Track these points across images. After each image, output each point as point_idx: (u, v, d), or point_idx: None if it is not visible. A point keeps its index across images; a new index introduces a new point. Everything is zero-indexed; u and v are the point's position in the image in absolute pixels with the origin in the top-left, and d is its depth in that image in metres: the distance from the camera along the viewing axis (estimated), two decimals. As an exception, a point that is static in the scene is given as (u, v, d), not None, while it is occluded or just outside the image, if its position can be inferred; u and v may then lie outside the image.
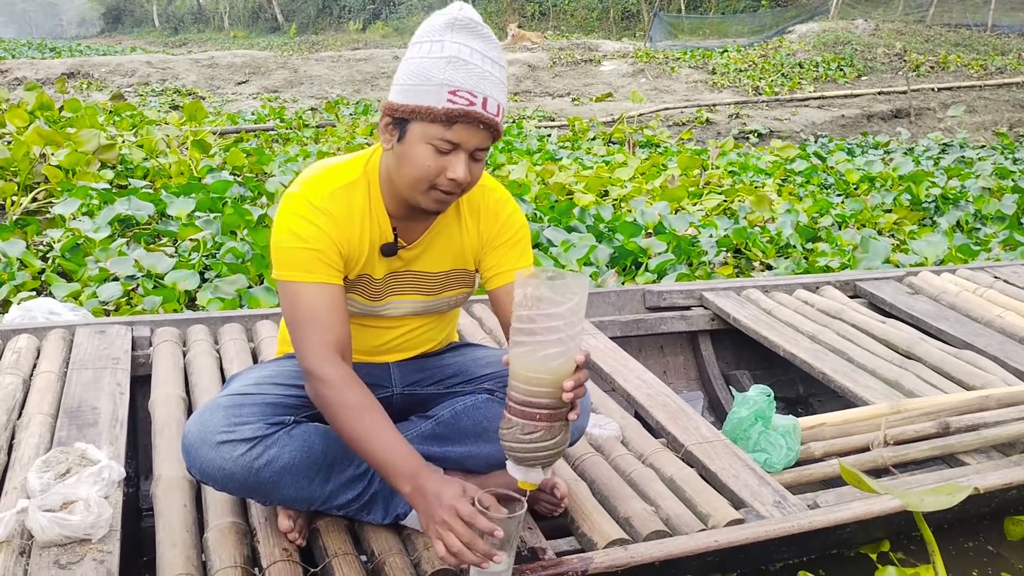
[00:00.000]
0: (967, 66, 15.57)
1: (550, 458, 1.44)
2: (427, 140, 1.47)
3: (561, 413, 1.41)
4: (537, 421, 1.40)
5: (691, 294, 3.18)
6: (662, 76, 15.42)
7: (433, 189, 1.51)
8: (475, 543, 1.34)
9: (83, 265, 3.62)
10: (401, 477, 1.42)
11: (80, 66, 14.34)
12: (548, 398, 1.39)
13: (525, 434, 1.41)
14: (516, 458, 1.44)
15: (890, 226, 5.45)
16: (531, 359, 1.38)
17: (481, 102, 1.46)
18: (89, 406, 2.05)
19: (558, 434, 1.42)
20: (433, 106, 1.45)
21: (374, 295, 1.67)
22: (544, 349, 1.37)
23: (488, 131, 1.50)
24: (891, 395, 2.42)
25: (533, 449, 1.41)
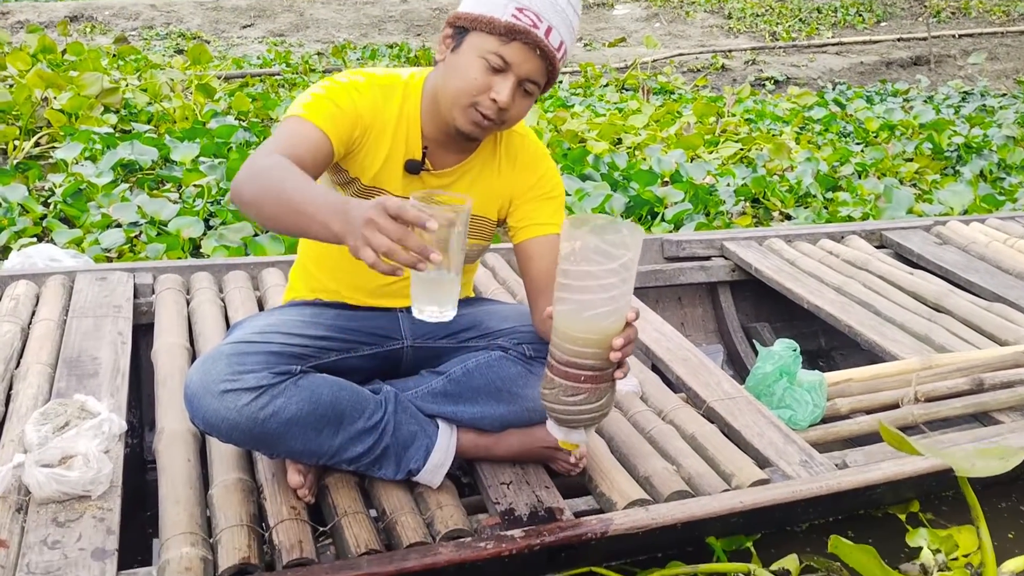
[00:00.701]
0: (989, 12, 15.17)
1: (594, 420, 1.36)
2: (481, 53, 1.44)
3: (607, 374, 1.32)
4: (582, 383, 1.31)
5: (711, 244, 3.08)
6: (676, 21, 15.07)
7: (472, 108, 1.46)
8: (406, 238, 1.15)
9: (85, 211, 3.52)
10: (328, 212, 1.22)
11: (83, 9, 14.09)
12: (595, 359, 1.29)
13: (568, 396, 1.32)
14: (558, 419, 1.36)
15: (911, 175, 5.31)
16: (578, 318, 1.27)
17: (545, 29, 1.43)
18: (89, 356, 1.98)
19: (604, 395, 1.34)
20: (496, 17, 1.42)
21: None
22: (593, 308, 1.26)
23: (544, 61, 1.45)
24: (920, 350, 2.33)
25: (577, 412, 1.33)
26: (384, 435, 1.59)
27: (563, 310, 1.28)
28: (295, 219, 1.26)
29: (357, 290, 1.71)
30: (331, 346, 1.60)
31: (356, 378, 1.64)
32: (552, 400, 1.34)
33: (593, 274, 1.23)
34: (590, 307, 1.25)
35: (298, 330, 1.59)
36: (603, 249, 1.22)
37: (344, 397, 1.53)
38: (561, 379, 1.32)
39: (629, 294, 1.27)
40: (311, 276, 1.75)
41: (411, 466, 1.61)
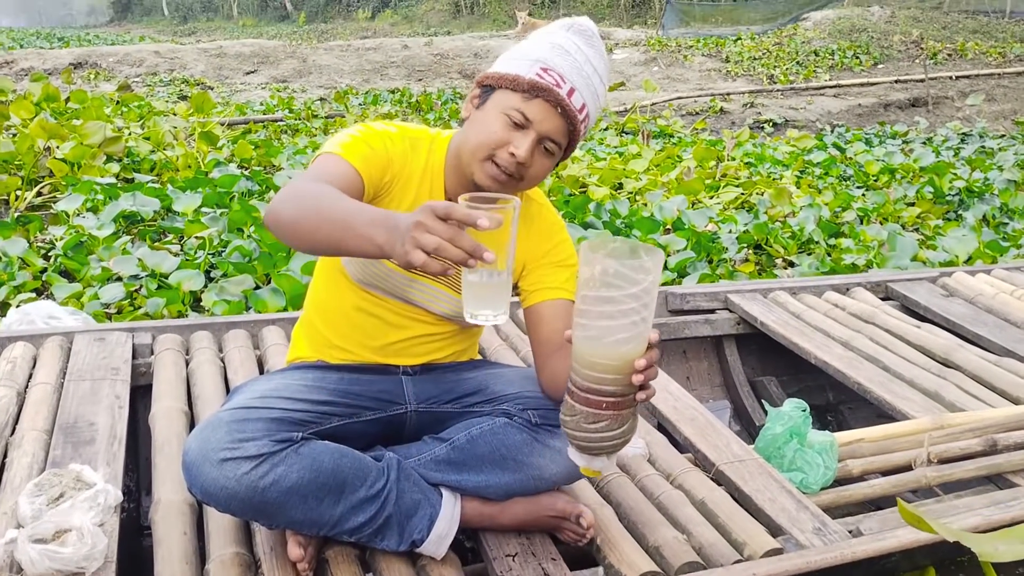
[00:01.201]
0: (985, 54, 15.33)
1: (617, 447, 1.32)
2: (504, 109, 1.47)
3: (629, 399, 1.28)
4: (603, 410, 1.27)
5: (715, 296, 3.05)
6: (675, 64, 15.22)
7: (491, 161, 1.48)
8: (458, 238, 1.12)
9: (86, 264, 3.51)
10: (371, 224, 1.20)
11: (88, 56, 14.25)
12: (616, 385, 1.26)
13: (590, 423, 1.28)
14: (580, 447, 1.32)
15: (913, 220, 5.30)
16: (598, 344, 1.24)
17: (568, 90, 1.47)
18: (86, 421, 1.94)
19: (626, 422, 1.30)
20: (521, 75, 1.47)
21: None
22: (614, 334, 1.22)
23: (565, 121, 1.48)
24: (931, 407, 2.30)
25: (599, 440, 1.29)
26: (387, 504, 1.54)
27: (582, 336, 1.25)
28: (337, 233, 1.24)
29: (364, 347, 1.68)
30: (333, 411, 1.57)
31: (358, 444, 1.61)
32: (573, 427, 1.31)
33: (613, 299, 1.20)
34: (610, 333, 1.23)
35: (300, 395, 1.55)
36: (623, 273, 1.19)
37: (346, 465, 1.50)
38: (582, 406, 1.28)
39: (650, 318, 1.24)
40: (317, 333, 1.72)
41: (414, 536, 1.57)
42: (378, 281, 1.61)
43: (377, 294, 1.63)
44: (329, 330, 1.70)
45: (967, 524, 1.76)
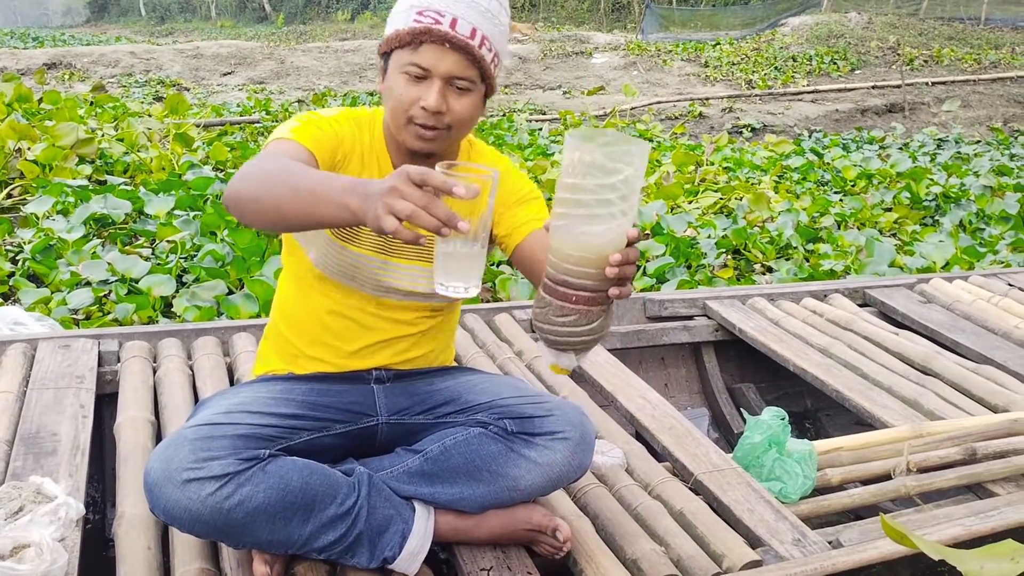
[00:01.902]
0: (961, 60, 15.47)
1: (584, 345, 1.26)
2: (400, 68, 1.43)
3: (600, 297, 1.22)
4: (573, 303, 1.22)
5: (694, 303, 3.03)
6: (654, 69, 15.26)
7: (411, 123, 1.44)
8: (432, 205, 1.09)
9: (54, 268, 3.44)
10: (343, 192, 1.17)
11: (62, 56, 14.07)
12: (588, 279, 1.20)
13: (558, 316, 1.23)
14: (548, 341, 1.27)
15: (890, 225, 5.32)
16: (573, 234, 1.19)
17: (450, 22, 1.40)
18: (48, 432, 1.88)
19: (595, 319, 1.24)
20: (400, 28, 1.42)
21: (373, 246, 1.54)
22: (590, 224, 1.17)
23: (461, 55, 1.41)
24: (910, 415, 2.28)
25: (566, 333, 1.24)
26: (357, 521, 1.50)
27: (558, 225, 1.20)
28: (308, 204, 1.20)
29: (336, 353, 1.64)
30: (303, 425, 1.52)
31: (328, 458, 1.57)
32: (542, 319, 1.25)
33: (590, 188, 1.15)
34: (585, 223, 1.17)
35: (268, 408, 1.51)
36: (602, 163, 1.14)
37: (315, 482, 1.45)
38: (553, 298, 1.23)
39: (630, 213, 1.18)
40: (286, 343, 1.67)
41: (386, 553, 1.53)
42: (350, 270, 1.56)
43: (350, 287, 1.58)
44: (299, 339, 1.65)
45: (948, 535, 1.74)
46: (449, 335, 1.79)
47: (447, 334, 1.78)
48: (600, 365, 2.48)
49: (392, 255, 1.57)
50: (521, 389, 1.68)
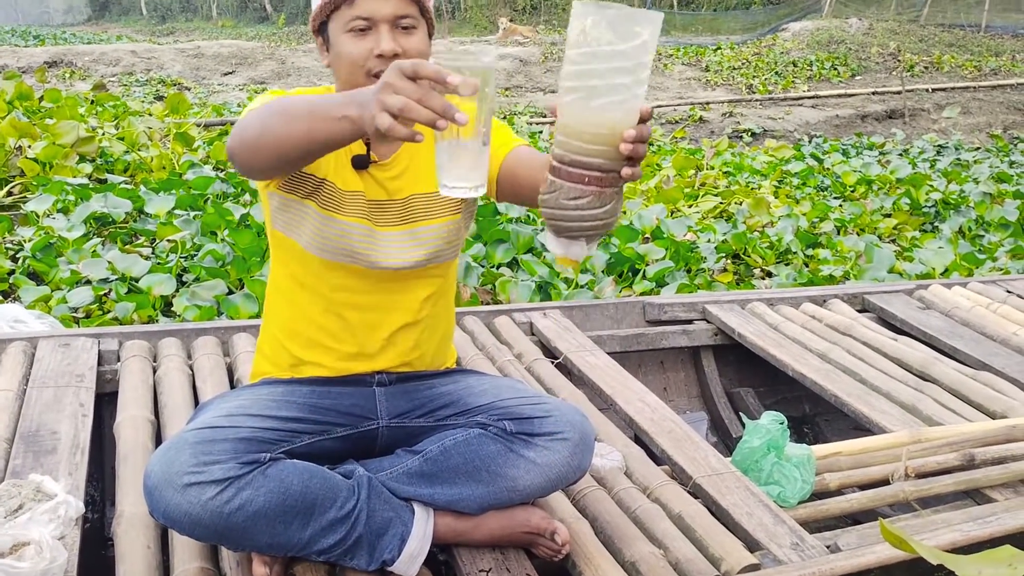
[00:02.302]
0: (961, 67, 15.49)
1: (596, 230, 1.20)
2: (344, 29, 1.43)
3: (613, 177, 1.16)
4: (586, 184, 1.16)
5: (693, 307, 3.03)
6: (655, 72, 15.25)
7: (370, 77, 1.42)
8: (427, 97, 1.06)
9: (54, 266, 3.44)
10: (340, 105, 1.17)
11: (64, 55, 14.07)
12: (601, 157, 1.14)
13: (569, 199, 1.17)
14: (556, 227, 1.20)
15: (890, 231, 5.32)
16: (584, 109, 1.13)
17: None
18: (48, 430, 1.89)
19: (609, 202, 1.18)
20: None
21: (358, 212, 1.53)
22: (601, 96, 1.11)
23: None
24: (908, 421, 2.29)
25: (577, 217, 1.18)
26: (357, 524, 1.50)
27: (568, 101, 1.14)
28: (308, 128, 1.20)
29: (337, 356, 1.63)
30: (303, 429, 1.52)
31: (329, 460, 1.57)
32: (552, 205, 1.19)
33: (605, 55, 1.10)
34: (598, 94, 1.12)
35: (268, 411, 1.51)
36: (615, 27, 1.09)
37: (315, 485, 1.45)
38: (563, 180, 1.17)
39: (643, 85, 1.13)
40: (284, 352, 1.66)
41: (385, 556, 1.53)
42: (340, 242, 1.53)
43: (342, 266, 1.55)
44: (298, 347, 1.63)
45: (946, 540, 1.75)
46: (447, 330, 1.77)
47: (445, 326, 1.75)
48: (599, 368, 2.48)
49: (377, 224, 1.55)
50: (521, 391, 1.68)
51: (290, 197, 1.53)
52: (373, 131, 1.09)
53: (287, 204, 1.54)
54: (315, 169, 1.50)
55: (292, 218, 1.55)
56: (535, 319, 2.82)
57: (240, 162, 1.32)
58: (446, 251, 1.62)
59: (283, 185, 1.52)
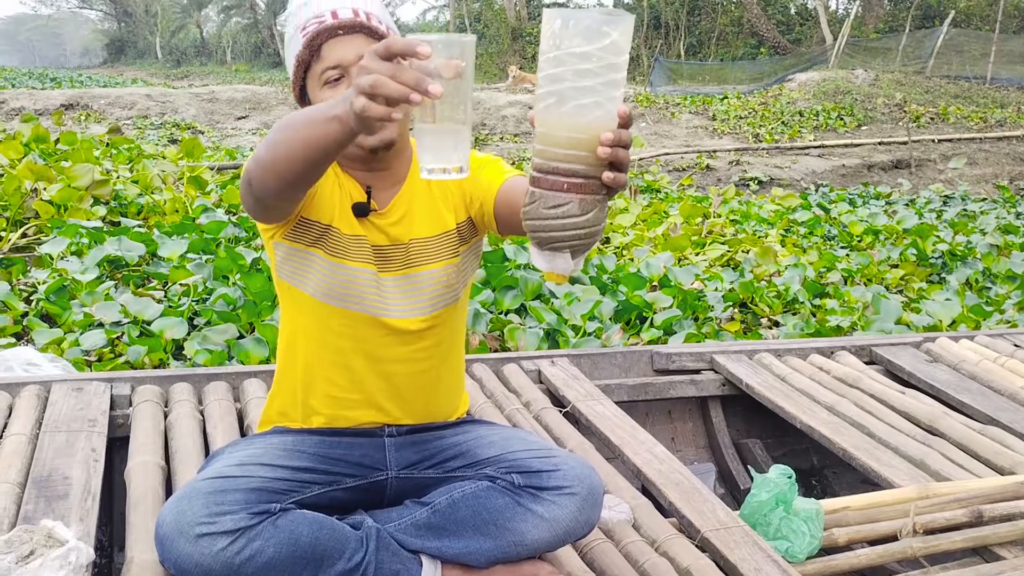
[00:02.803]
0: (967, 118, 15.62)
1: (579, 240, 1.15)
2: (320, 86, 1.46)
3: (595, 184, 1.13)
4: (565, 192, 1.12)
5: (701, 357, 3.05)
6: (662, 121, 15.43)
7: None
8: (399, 72, 1.04)
9: (68, 309, 3.47)
10: (330, 107, 1.18)
11: (80, 97, 14.30)
12: (580, 163, 1.11)
13: (549, 208, 1.13)
14: (539, 239, 1.15)
15: (897, 282, 5.34)
16: (558, 114, 1.10)
17: (331, 15, 1.45)
18: (60, 475, 1.90)
19: (591, 209, 1.13)
20: (298, 53, 1.47)
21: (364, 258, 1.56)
22: (573, 99, 1.09)
23: (358, 34, 1.45)
24: (916, 476, 2.28)
25: (559, 227, 1.13)
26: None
27: (543, 107, 1.11)
28: (307, 137, 1.20)
29: (343, 404, 1.63)
30: (314, 479, 1.54)
31: (338, 510, 1.58)
32: (533, 215, 1.15)
33: (577, 56, 1.07)
34: (571, 97, 1.09)
35: (280, 461, 1.53)
36: (586, 28, 1.07)
37: (324, 537, 1.46)
38: (543, 189, 1.13)
39: (618, 88, 1.10)
40: (292, 399, 1.67)
41: (392, 606, 1.53)
42: (348, 289, 1.56)
43: (350, 314, 1.57)
44: (308, 396, 1.65)
45: (954, 599, 1.74)
46: (457, 380, 1.78)
47: (454, 377, 1.76)
48: (607, 418, 2.49)
49: (381, 269, 1.58)
50: (530, 442, 1.69)
51: (296, 246, 1.56)
52: (355, 119, 1.10)
53: (293, 253, 1.57)
54: (319, 215, 1.54)
55: (298, 267, 1.58)
56: (543, 367, 2.83)
57: (256, 186, 1.32)
58: (446, 296, 1.64)
59: (288, 234, 1.55)
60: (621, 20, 1.08)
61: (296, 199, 1.39)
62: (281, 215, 1.45)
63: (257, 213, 1.41)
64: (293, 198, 1.37)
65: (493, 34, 31.84)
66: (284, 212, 1.44)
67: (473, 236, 1.66)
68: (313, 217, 1.53)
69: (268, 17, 44.68)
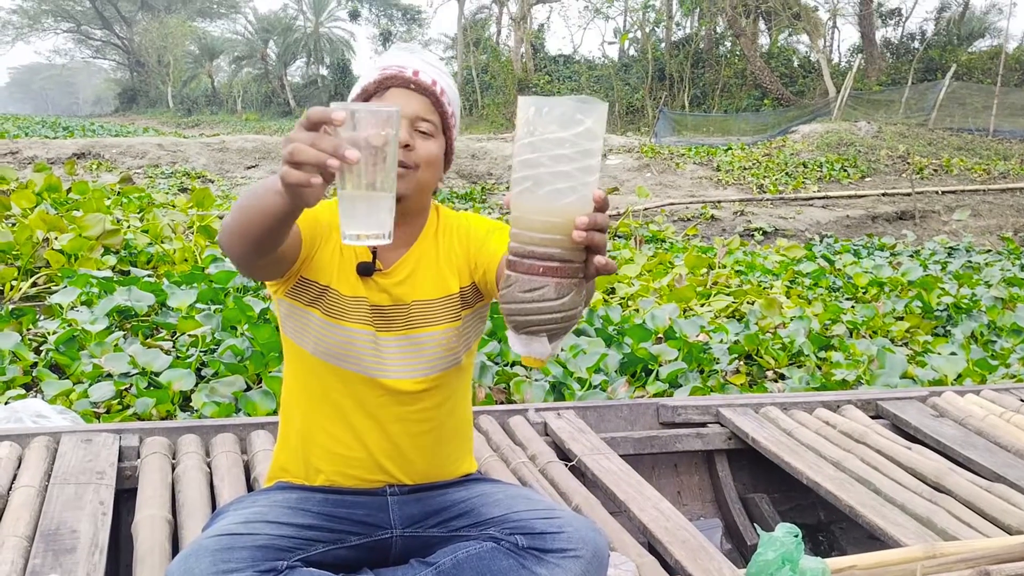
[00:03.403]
0: (970, 170, 15.72)
1: (556, 324, 1.14)
2: None
3: (572, 268, 1.13)
4: (541, 275, 1.12)
5: (707, 410, 3.05)
6: (667, 171, 15.56)
7: None
8: (318, 140, 1.08)
9: (77, 359, 3.50)
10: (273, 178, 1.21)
11: (91, 147, 14.50)
12: (555, 247, 1.11)
13: (525, 291, 1.13)
14: (515, 323, 1.15)
15: (902, 335, 5.34)
16: (533, 198, 1.11)
17: (412, 71, 1.53)
18: (68, 528, 1.91)
19: (567, 293, 1.13)
20: (366, 83, 1.55)
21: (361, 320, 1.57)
22: (548, 184, 1.10)
23: (425, 97, 1.52)
24: (923, 534, 2.27)
25: (535, 310, 1.13)
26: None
27: (518, 192, 1.12)
28: (260, 206, 1.25)
29: (346, 462, 1.64)
30: (319, 537, 1.54)
31: (343, 568, 1.58)
32: (509, 299, 1.15)
33: (552, 142, 1.09)
34: (547, 182, 1.10)
35: (285, 518, 1.53)
36: (560, 115, 1.09)
37: (328, 595, 1.47)
38: (518, 272, 1.14)
39: (593, 173, 1.11)
40: (297, 455, 1.68)
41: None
42: (344, 349, 1.59)
43: (349, 374, 1.59)
44: (311, 453, 1.66)
45: (962, 661, 1.72)
46: (463, 440, 1.79)
47: (460, 436, 1.77)
48: (613, 472, 2.49)
49: (379, 329, 1.60)
50: (534, 502, 1.68)
51: (296, 304, 1.59)
52: (283, 187, 1.14)
53: (293, 311, 1.60)
54: (318, 276, 1.57)
55: (298, 324, 1.61)
56: (549, 419, 2.84)
57: (227, 250, 1.37)
58: (447, 358, 1.66)
59: (289, 292, 1.58)
60: (594, 108, 1.10)
61: (273, 259, 1.41)
62: (268, 274, 1.50)
63: (242, 272, 1.45)
64: (267, 259, 1.39)
65: (500, 85, 32.32)
66: (270, 272, 1.49)
67: (477, 301, 1.68)
68: (312, 277, 1.57)
69: (279, 68, 45.44)
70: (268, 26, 47.58)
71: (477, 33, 37.79)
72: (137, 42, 53.90)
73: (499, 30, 39.14)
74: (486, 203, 12.54)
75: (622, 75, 31.71)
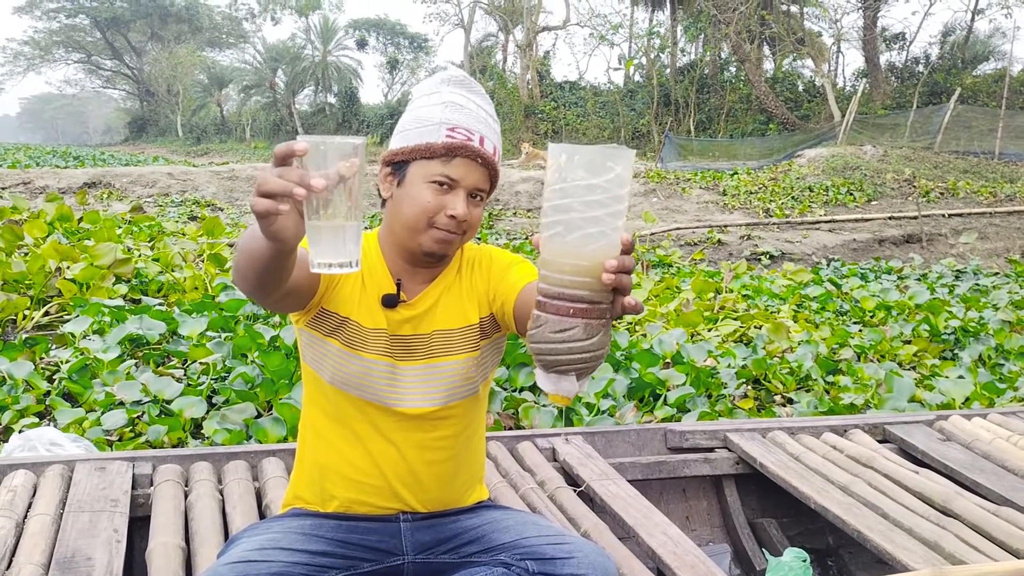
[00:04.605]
0: (977, 193, 15.73)
1: (585, 363, 1.18)
2: (427, 179, 1.53)
3: (600, 309, 1.17)
4: (571, 316, 1.16)
5: (715, 435, 3.07)
6: (673, 196, 15.62)
7: (433, 228, 1.53)
8: (285, 172, 1.11)
9: (90, 387, 3.54)
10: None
11: (102, 176, 14.64)
12: (585, 289, 1.15)
13: (555, 332, 1.17)
14: (545, 362, 1.19)
15: (910, 358, 5.35)
16: (563, 242, 1.15)
17: (479, 139, 1.56)
18: (83, 556, 1.93)
19: (596, 334, 1.17)
20: (433, 142, 1.54)
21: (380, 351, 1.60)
22: (579, 229, 1.14)
23: (485, 170, 1.56)
24: (931, 558, 2.28)
25: (565, 350, 1.17)
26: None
27: (548, 236, 1.17)
28: (256, 246, 1.27)
29: (361, 488, 1.67)
30: (332, 563, 1.57)
31: (356, 594, 1.60)
32: (539, 339, 1.18)
33: (582, 188, 1.13)
34: (576, 228, 1.14)
35: (299, 545, 1.56)
36: (589, 162, 1.13)
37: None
38: (548, 313, 1.18)
39: (621, 217, 1.16)
40: (312, 482, 1.71)
41: None
42: (362, 379, 1.62)
43: (366, 404, 1.62)
44: (326, 480, 1.69)
45: None
46: (476, 469, 1.82)
47: (473, 466, 1.80)
48: (621, 498, 2.50)
49: (399, 359, 1.63)
50: (544, 528, 1.70)
51: (315, 334, 1.63)
52: (258, 221, 1.17)
53: (312, 340, 1.64)
54: (338, 307, 1.61)
55: (317, 353, 1.65)
56: (557, 445, 2.86)
57: (239, 285, 1.40)
58: (464, 387, 1.69)
59: (310, 322, 1.62)
60: (623, 155, 1.14)
61: (285, 294, 1.43)
62: (288, 307, 1.53)
63: (262, 307, 1.48)
64: (278, 294, 1.42)
65: (506, 111, 32.51)
66: (289, 305, 1.52)
67: (495, 332, 1.72)
68: (332, 309, 1.61)
69: (287, 96, 45.81)
70: (277, 55, 48.04)
71: (483, 60, 38.09)
72: (147, 72, 54.52)
73: (505, 57, 39.44)
74: (493, 228, 12.59)
75: (628, 101, 31.89)
